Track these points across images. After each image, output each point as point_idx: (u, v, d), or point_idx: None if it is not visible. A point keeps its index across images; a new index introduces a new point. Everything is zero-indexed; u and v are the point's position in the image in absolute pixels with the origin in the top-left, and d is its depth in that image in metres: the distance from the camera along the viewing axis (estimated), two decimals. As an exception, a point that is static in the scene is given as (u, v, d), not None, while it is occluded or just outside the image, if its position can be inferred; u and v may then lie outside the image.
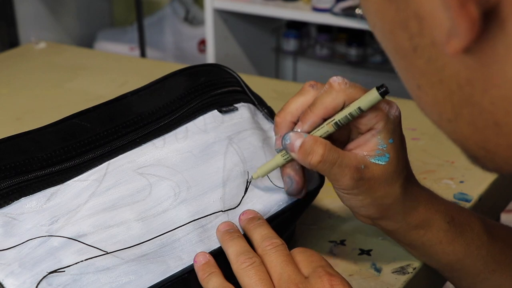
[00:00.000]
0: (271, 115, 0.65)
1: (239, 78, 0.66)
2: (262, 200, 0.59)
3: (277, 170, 0.60)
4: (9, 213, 0.51)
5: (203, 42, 2.56)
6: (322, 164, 0.55)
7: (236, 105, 0.63)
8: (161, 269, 0.53)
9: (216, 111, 0.61)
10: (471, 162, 0.38)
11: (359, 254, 0.65)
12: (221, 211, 0.57)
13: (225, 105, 0.62)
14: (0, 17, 2.44)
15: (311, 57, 2.48)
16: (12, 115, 0.99)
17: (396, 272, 0.63)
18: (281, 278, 0.50)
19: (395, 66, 0.38)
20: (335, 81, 0.56)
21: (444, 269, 0.62)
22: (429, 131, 0.89)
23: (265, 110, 0.65)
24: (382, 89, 0.53)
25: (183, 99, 0.62)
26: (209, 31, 2.26)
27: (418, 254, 0.63)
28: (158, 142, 0.58)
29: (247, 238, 0.56)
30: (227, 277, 0.53)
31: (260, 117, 0.64)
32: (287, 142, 0.56)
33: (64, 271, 0.50)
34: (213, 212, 0.57)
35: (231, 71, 0.66)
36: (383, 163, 0.56)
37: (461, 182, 0.77)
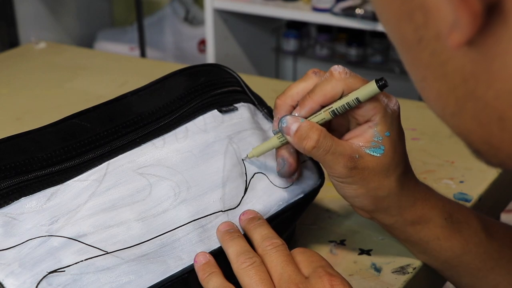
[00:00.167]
0: (271, 115, 0.65)
1: (239, 78, 0.66)
2: (262, 200, 0.59)
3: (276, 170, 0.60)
4: (9, 213, 0.51)
5: (203, 42, 2.56)
6: (316, 150, 0.56)
7: (236, 105, 0.63)
8: (161, 269, 0.53)
9: (216, 111, 0.62)
10: (474, 156, 0.38)
11: (359, 254, 0.65)
12: (221, 211, 0.57)
13: (225, 105, 0.62)
14: (0, 17, 2.44)
15: (311, 57, 2.48)
16: (12, 115, 0.99)
17: (396, 272, 0.63)
18: (282, 278, 0.50)
19: (401, 57, 0.38)
20: (336, 70, 0.57)
21: (443, 267, 0.62)
22: (429, 131, 0.89)
23: (265, 110, 0.65)
24: (381, 82, 0.54)
25: (183, 99, 0.62)
26: (209, 31, 2.26)
27: (417, 250, 0.63)
28: (158, 142, 0.58)
29: (247, 238, 0.56)
30: (228, 277, 0.53)
31: (260, 117, 0.64)
32: (284, 125, 0.57)
33: (64, 271, 0.50)
34: (213, 212, 0.57)
35: (231, 71, 0.66)
36: (378, 155, 0.56)
37: (461, 182, 0.77)
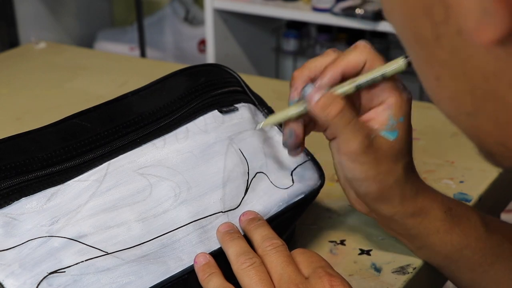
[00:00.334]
0: (271, 115, 0.65)
1: (239, 78, 0.66)
2: (262, 200, 0.59)
3: (277, 171, 0.60)
4: (9, 213, 0.51)
5: (203, 42, 2.56)
6: (339, 118, 0.55)
7: (236, 105, 0.63)
8: (161, 270, 0.53)
9: (216, 111, 0.61)
10: (483, 158, 0.37)
11: (359, 254, 0.65)
12: (221, 212, 0.57)
13: (226, 105, 0.62)
14: (0, 17, 2.44)
15: (311, 57, 2.43)
16: (12, 115, 0.99)
17: (396, 272, 0.63)
18: (282, 278, 0.50)
19: (411, 56, 0.36)
20: (361, 43, 0.57)
21: (443, 263, 0.62)
22: (429, 131, 0.89)
23: (265, 110, 0.65)
24: (407, 58, 0.54)
25: (184, 99, 0.62)
26: (209, 31, 2.26)
27: (416, 246, 0.63)
28: (158, 142, 0.58)
29: (247, 238, 0.56)
30: (228, 277, 0.53)
31: (260, 117, 0.64)
32: (306, 93, 0.56)
33: (64, 272, 0.50)
34: (213, 213, 0.57)
35: (231, 71, 0.66)
36: (392, 138, 0.57)
37: (461, 182, 0.77)
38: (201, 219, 0.56)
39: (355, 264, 0.64)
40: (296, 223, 0.64)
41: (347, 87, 0.56)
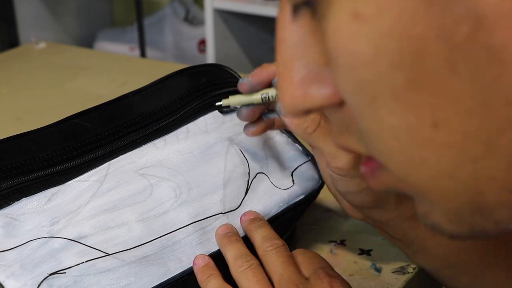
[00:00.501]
0: (271, 116, 0.65)
1: (239, 78, 0.66)
2: (262, 201, 0.59)
3: (277, 172, 0.60)
4: (10, 213, 0.51)
5: (203, 42, 2.56)
6: (318, 132, 0.53)
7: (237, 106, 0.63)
8: (161, 271, 0.53)
9: (217, 111, 0.61)
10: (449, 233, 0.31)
11: (359, 254, 0.65)
12: (221, 213, 0.57)
13: (226, 106, 0.62)
14: (0, 17, 2.44)
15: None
16: (12, 115, 0.99)
17: (396, 272, 0.63)
18: (282, 278, 0.50)
19: (384, 112, 0.28)
20: None
21: (441, 266, 0.62)
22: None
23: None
24: None
25: (184, 100, 0.62)
26: (209, 31, 2.26)
27: (413, 250, 0.62)
28: (159, 142, 0.58)
29: (248, 239, 0.56)
30: (227, 279, 0.53)
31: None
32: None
33: (65, 273, 0.50)
34: (213, 214, 0.57)
35: (232, 71, 0.66)
36: None
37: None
38: (201, 220, 0.56)
39: (355, 264, 0.64)
40: (296, 224, 0.64)
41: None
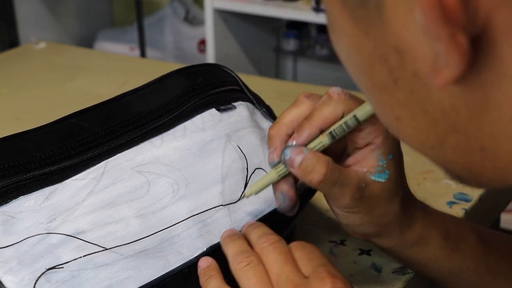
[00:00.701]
0: (269, 114, 0.65)
1: (237, 77, 0.66)
2: (262, 195, 0.58)
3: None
4: (7, 211, 0.51)
5: (203, 42, 2.56)
6: (323, 184, 0.52)
7: (234, 104, 0.63)
8: (161, 264, 0.53)
9: (214, 109, 0.61)
10: (454, 180, 0.39)
11: (359, 254, 0.65)
12: (222, 205, 0.57)
13: (223, 104, 0.62)
14: (0, 17, 2.44)
15: (311, 57, 2.48)
16: (12, 115, 0.99)
17: (396, 272, 0.63)
18: (280, 278, 0.48)
19: (370, 100, 0.38)
20: (334, 92, 0.54)
21: (441, 283, 0.62)
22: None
23: (263, 109, 0.65)
24: None
25: (181, 98, 0.62)
26: (209, 31, 2.26)
27: (415, 269, 0.62)
28: (156, 140, 0.58)
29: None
30: (230, 276, 0.52)
31: (258, 116, 0.64)
32: (287, 157, 0.53)
33: (62, 268, 0.50)
34: (213, 206, 0.57)
35: (229, 71, 0.66)
36: (383, 180, 0.54)
37: (461, 181, 0.77)
38: (200, 213, 0.56)
39: (355, 264, 0.64)
40: (296, 223, 0.64)
41: (321, 138, 0.53)
